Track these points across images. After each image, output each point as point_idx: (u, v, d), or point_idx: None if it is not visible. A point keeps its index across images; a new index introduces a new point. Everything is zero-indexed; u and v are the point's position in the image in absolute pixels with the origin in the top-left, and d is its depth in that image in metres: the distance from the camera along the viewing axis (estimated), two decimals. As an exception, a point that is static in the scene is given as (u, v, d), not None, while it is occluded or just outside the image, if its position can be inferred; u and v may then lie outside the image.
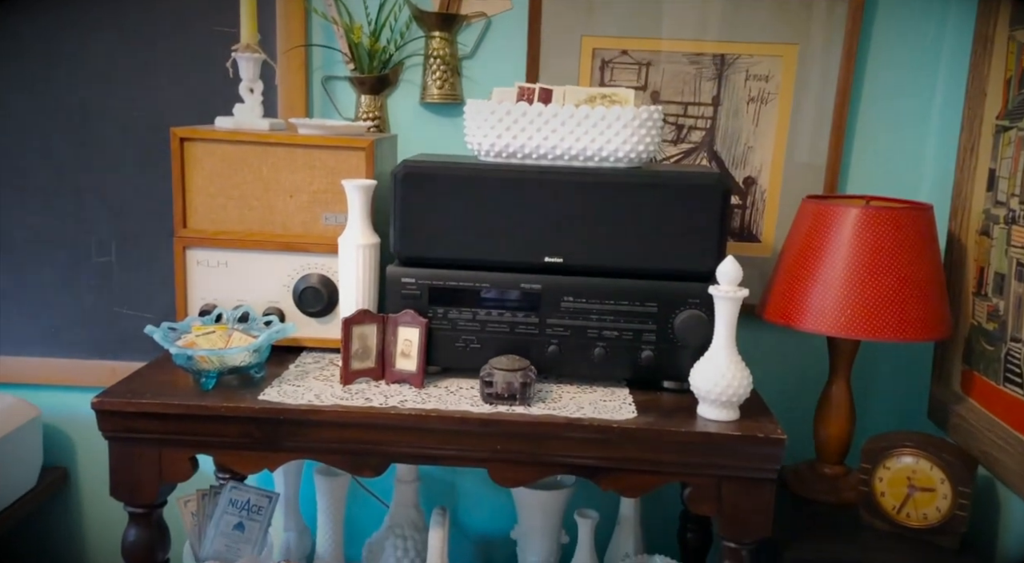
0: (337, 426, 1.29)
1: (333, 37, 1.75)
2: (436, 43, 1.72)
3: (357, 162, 1.48)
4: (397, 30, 1.74)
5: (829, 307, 1.41)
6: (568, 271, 1.39)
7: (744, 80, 1.72)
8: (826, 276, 1.42)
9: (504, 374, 1.32)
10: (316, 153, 1.48)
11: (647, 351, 1.39)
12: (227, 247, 1.50)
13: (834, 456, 1.54)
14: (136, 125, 1.80)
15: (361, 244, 1.41)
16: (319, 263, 1.51)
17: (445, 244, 1.40)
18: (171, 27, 1.76)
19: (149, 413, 1.29)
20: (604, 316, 1.39)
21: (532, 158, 1.39)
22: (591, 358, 1.40)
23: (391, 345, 1.40)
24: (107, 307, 1.88)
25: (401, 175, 1.38)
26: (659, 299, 1.38)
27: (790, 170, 1.75)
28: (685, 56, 1.72)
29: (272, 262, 1.51)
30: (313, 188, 1.49)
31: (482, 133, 1.39)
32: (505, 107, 1.37)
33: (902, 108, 1.72)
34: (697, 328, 1.36)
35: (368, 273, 1.42)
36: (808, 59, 1.69)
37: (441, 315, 1.41)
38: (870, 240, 1.39)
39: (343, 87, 1.79)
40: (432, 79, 1.74)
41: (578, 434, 1.28)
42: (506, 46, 1.75)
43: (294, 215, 1.50)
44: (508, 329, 1.40)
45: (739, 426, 1.28)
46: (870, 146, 1.74)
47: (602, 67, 1.73)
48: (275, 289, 1.52)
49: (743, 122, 1.74)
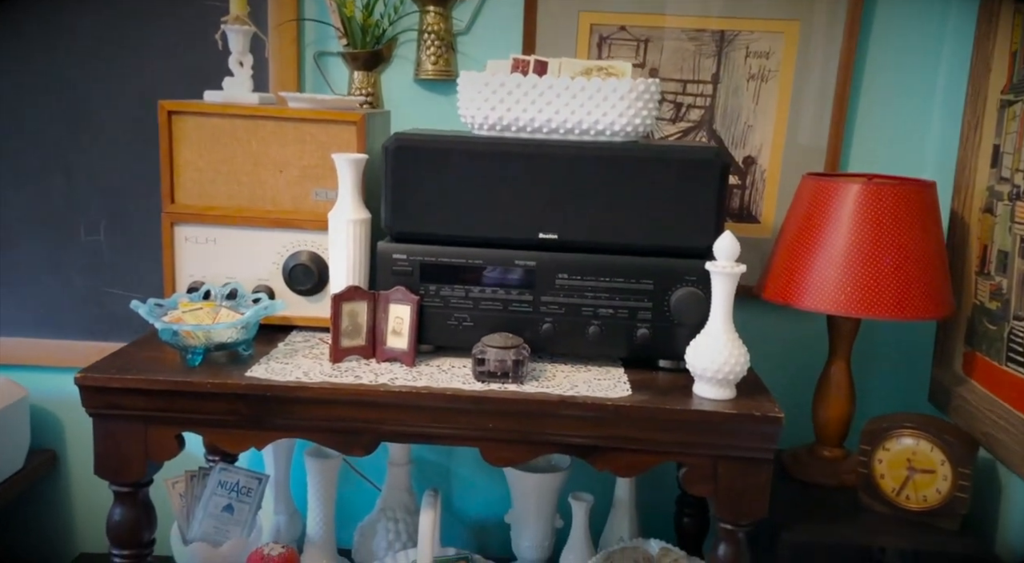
0: (325, 403, 1.26)
1: (326, 11, 1.72)
2: (431, 18, 1.69)
3: (348, 136, 1.45)
4: (391, 4, 1.71)
5: (829, 285, 1.38)
6: (563, 247, 1.36)
7: (744, 57, 1.69)
8: (826, 254, 1.39)
9: (497, 351, 1.30)
10: (306, 127, 1.45)
11: (643, 329, 1.36)
12: (216, 223, 1.48)
13: (833, 438, 1.52)
14: (126, 101, 1.77)
15: (351, 219, 1.38)
16: (309, 240, 1.48)
17: (437, 220, 1.37)
18: (161, 1, 1.73)
19: (134, 389, 1.26)
20: (599, 293, 1.36)
21: (527, 131, 1.36)
22: (586, 336, 1.37)
23: (382, 323, 1.37)
24: (97, 287, 1.85)
25: (392, 148, 1.35)
26: (655, 276, 1.35)
27: (791, 149, 1.72)
28: (684, 32, 1.68)
29: (261, 239, 1.48)
30: (303, 163, 1.46)
31: (475, 106, 1.36)
32: (499, 79, 1.34)
33: (905, 85, 1.69)
34: (694, 305, 1.33)
35: (359, 249, 1.39)
36: (810, 35, 1.66)
37: (433, 292, 1.38)
38: (871, 217, 1.36)
39: (336, 63, 1.76)
40: (426, 55, 1.71)
41: (572, 412, 1.25)
42: (502, 22, 1.72)
43: (284, 191, 1.47)
44: (502, 307, 1.38)
45: (736, 405, 1.26)
46: (872, 124, 1.71)
47: (600, 43, 1.70)
48: (265, 267, 1.49)
49: (743, 100, 1.71)
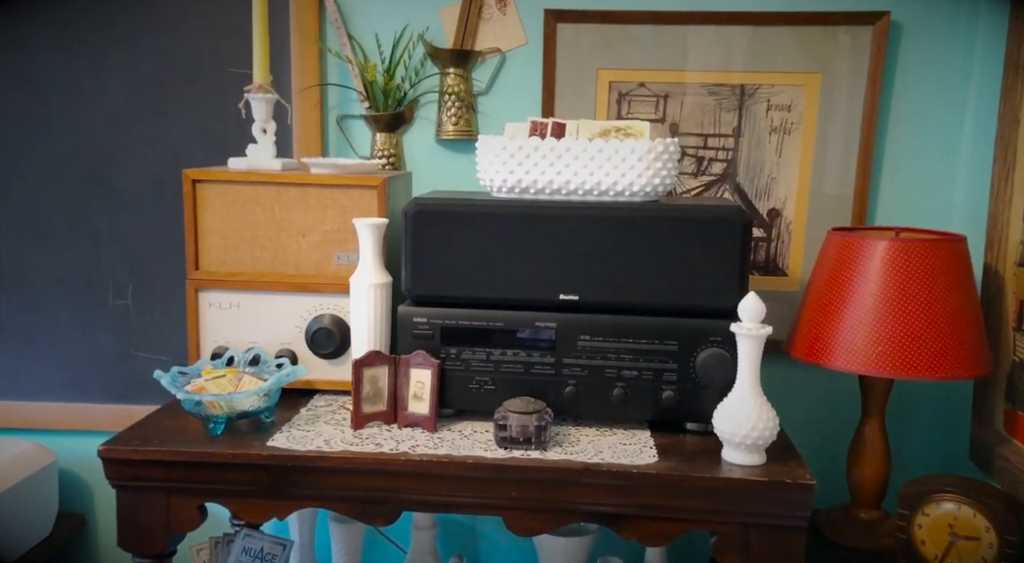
0: (346, 473, 1.25)
1: (348, 76, 1.75)
2: (451, 80, 1.71)
3: (369, 200, 1.45)
4: (412, 67, 1.73)
5: (859, 344, 1.34)
6: (584, 309, 1.35)
7: (766, 110, 1.68)
8: (855, 312, 1.36)
9: (519, 417, 1.28)
10: (328, 192, 1.46)
11: (668, 391, 1.33)
12: (239, 289, 1.48)
13: (870, 500, 1.47)
14: (152, 166, 1.80)
15: (372, 283, 1.38)
16: (332, 303, 1.48)
17: (457, 283, 1.36)
18: (186, 68, 1.77)
19: (155, 461, 1.26)
20: (623, 355, 1.34)
21: (546, 193, 1.36)
22: (610, 399, 1.35)
23: (403, 387, 1.36)
24: (124, 350, 1.87)
25: (412, 213, 1.35)
26: (679, 337, 1.32)
27: (816, 201, 1.69)
28: (704, 87, 1.68)
29: (284, 303, 1.48)
30: (325, 227, 1.47)
31: (494, 169, 1.36)
32: (517, 142, 1.34)
33: (931, 136, 1.67)
34: (720, 367, 1.31)
35: (380, 313, 1.39)
36: (832, 88, 1.65)
37: (454, 356, 1.37)
38: (901, 273, 1.33)
39: (358, 125, 1.77)
40: (447, 116, 1.72)
41: (596, 480, 1.22)
42: (521, 81, 1.73)
43: (307, 255, 1.48)
44: (523, 370, 1.36)
45: (766, 471, 1.22)
46: (898, 176, 1.69)
47: (619, 100, 1.70)
48: (288, 330, 1.49)
49: (766, 153, 1.69)
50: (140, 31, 1.76)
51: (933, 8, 1.62)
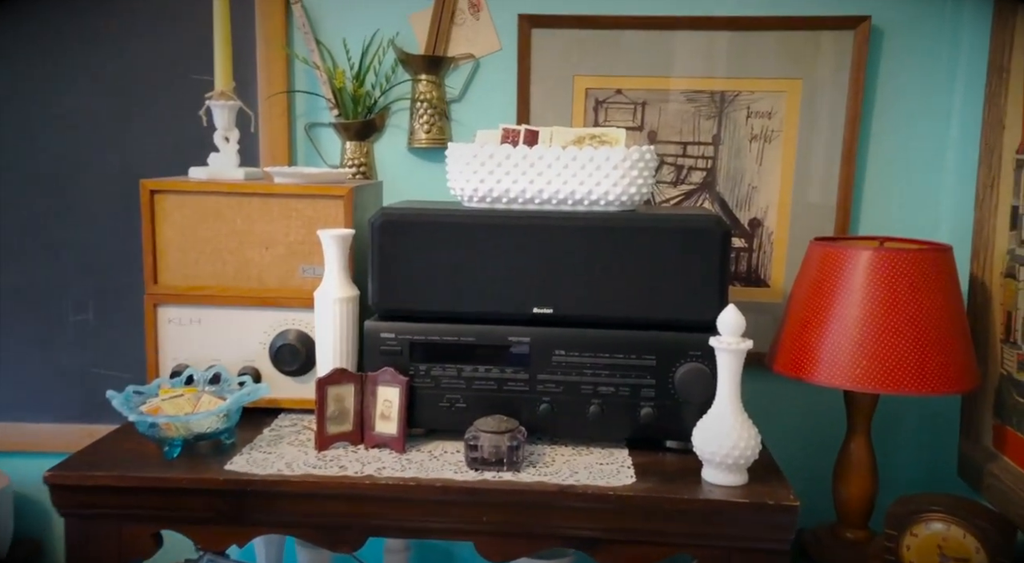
0: (308, 498, 1.19)
1: (316, 83, 1.69)
2: (423, 86, 1.65)
3: (336, 211, 1.40)
4: (382, 74, 1.68)
5: (843, 359, 1.30)
6: (559, 322, 1.29)
7: (745, 117, 1.63)
8: (839, 325, 1.31)
9: (490, 437, 1.22)
10: (292, 202, 1.40)
11: (646, 408, 1.28)
12: (200, 303, 1.42)
13: (856, 519, 1.42)
14: (112, 177, 1.73)
15: (338, 298, 1.32)
16: (297, 318, 1.42)
17: (427, 296, 1.30)
18: (147, 76, 1.70)
19: (106, 487, 1.19)
20: (599, 371, 1.28)
21: (518, 203, 1.30)
22: (586, 416, 1.29)
23: (370, 406, 1.30)
24: (84, 368, 1.79)
25: (378, 223, 1.30)
26: (657, 351, 1.27)
27: (798, 211, 1.65)
28: (683, 94, 1.63)
29: (247, 319, 1.42)
30: (290, 239, 1.41)
31: (464, 178, 1.31)
32: (488, 150, 1.29)
33: (916, 143, 1.63)
34: (699, 383, 1.25)
35: (346, 329, 1.33)
36: (813, 94, 1.61)
37: (424, 373, 1.31)
38: (885, 284, 1.28)
39: (328, 134, 1.72)
40: (419, 123, 1.66)
41: (572, 503, 1.16)
42: (495, 88, 1.68)
43: (270, 268, 1.42)
44: (496, 386, 1.30)
45: (748, 492, 1.17)
46: (882, 184, 1.65)
47: (596, 107, 1.65)
48: (251, 347, 1.43)
49: (746, 161, 1.65)
50: (100, 38, 1.70)
51: (915, 12, 1.59)
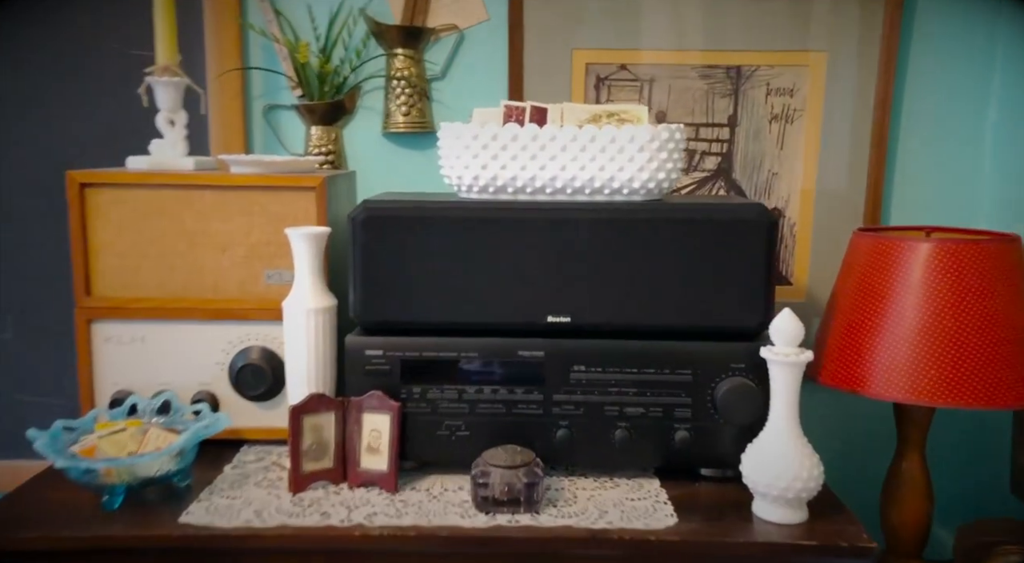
0: (285, 555, 0.97)
1: (275, 59, 1.46)
2: (399, 62, 1.44)
3: (306, 205, 1.18)
4: (352, 48, 1.46)
5: (901, 368, 1.12)
6: (578, 333, 1.10)
7: (765, 95, 1.46)
8: (896, 329, 1.14)
9: (502, 472, 1.02)
10: (254, 196, 1.18)
11: (682, 431, 1.09)
12: (144, 318, 1.19)
13: (910, 548, 1.25)
14: (36, 170, 1.49)
15: (312, 308, 1.10)
16: (261, 333, 1.20)
17: (420, 305, 1.10)
18: (78, 51, 1.46)
19: (29, 551, 0.96)
20: (625, 389, 1.09)
21: (526, 192, 1.10)
22: (611, 443, 1.10)
23: (354, 438, 1.09)
24: (5, 394, 1.54)
25: (361, 219, 1.08)
26: (694, 365, 1.09)
27: (823, 199, 1.48)
28: (694, 70, 1.45)
29: (202, 335, 1.20)
30: (252, 240, 1.19)
31: (463, 164, 1.10)
32: (491, 131, 1.08)
33: (950, 122, 1.47)
34: (745, 401, 1.07)
35: (322, 345, 1.12)
36: (839, 68, 1.44)
37: (418, 396, 1.10)
38: (950, 282, 1.12)
39: (289, 117, 1.49)
40: (396, 105, 1.45)
41: (605, 551, 0.97)
42: (483, 64, 1.47)
43: (228, 274, 1.20)
44: (504, 410, 1.10)
45: (811, 531, 0.99)
46: (915, 168, 1.48)
47: (597, 85, 1.46)
48: (207, 368, 1.21)
49: (765, 145, 1.47)
50: (20, 10, 1.45)
51: (952, -24, 1.43)
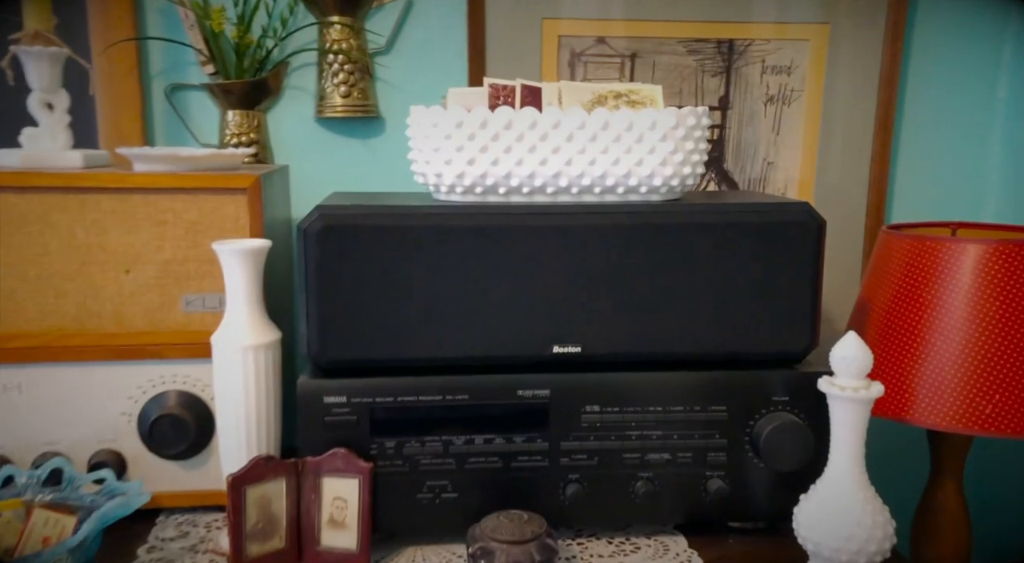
0: None
1: (180, 27, 1.19)
2: (336, 33, 1.19)
3: (235, 211, 0.93)
4: (277, 15, 1.20)
5: (952, 393, 0.97)
6: (589, 365, 0.89)
7: (760, 73, 1.28)
8: (944, 346, 0.98)
9: (509, 550, 0.80)
10: (166, 201, 0.92)
11: (716, 480, 0.90)
12: (21, 361, 0.92)
13: (948, 587, 1.11)
14: None
15: (249, 344, 0.86)
16: (180, 375, 0.95)
17: (393, 337, 0.87)
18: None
19: None
20: (648, 431, 0.90)
21: (522, 193, 0.89)
22: (631, 498, 0.90)
23: (312, 510, 0.86)
24: None
25: (317, 230, 0.84)
26: (730, 399, 0.90)
27: (823, 190, 1.32)
28: (682, 43, 1.26)
29: (100, 379, 0.93)
30: (164, 257, 0.93)
31: (443, 158, 0.87)
32: (479, 116, 0.86)
33: (956, 104, 1.33)
34: (794, 442, 0.89)
35: (264, 390, 0.87)
36: (842, 42, 1.27)
37: (392, 451, 0.88)
38: (1010, 291, 0.97)
39: (199, 99, 1.22)
40: (333, 84, 1.20)
41: (648, 645, 0.78)
42: (437, 36, 1.24)
43: (133, 301, 0.93)
44: (501, 463, 0.89)
45: (888, 599, 0.82)
46: (917, 156, 1.34)
47: (572, 61, 1.25)
48: (108, 422, 0.95)
49: (760, 130, 1.30)
50: None
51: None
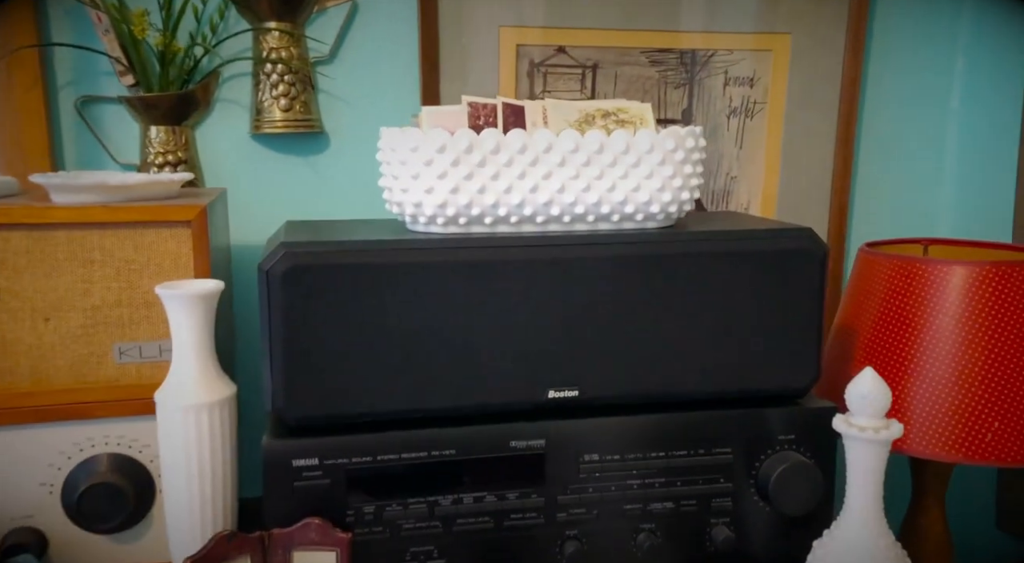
0: None
1: (93, 32, 1.05)
2: (273, 40, 1.08)
3: (176, 247, 0.81)
4: (205, 20, 1.07)
5: (947, 421, 0.94)
6: (588, 410, 0.82)
7: (723, 85, 1.23)
8: (933, 373, 0.95)
9: (515, 623, 0.72)
10: (93, 237, 0.80)
11: (722, 528, 0.84)
12: (-82, 429, 0.78)
13: (935, 614, 1.09)
14: None
15: (203, 403, 0.74)
16: (111, 435, 0.82)
17: (368, 388, 0.77)
18: None
19: None
20: (650, 479, 0.83)
21: (510, 223, 0.80)
22: (631, 552, 0.83)
23: (285, 591, 0.75)
24: None
25: (282, 271, 0.73)
26: (735, 440, 0.84)
27: (786, 206, 1.29)
28: (644, 54, 1.20)
29: (15, 446, 0.80)
30: (92, 302, 0.80)
31: (423, 187, 0.78)
32: (463, 139, 0.77)
33: (911, 113, 1.32)
34: (805, 484, 0.84)
35: (221, 456, 0.76)
36: (804, 52, 1.24)
37: (371, 517, 0.78)
38: (1000, 315, 0.94)
39: (116, 114, 1.08)
40: (272, 96, 1.08)
41: None
42: (385, 43, 1.14)
43: (56, 353, 0.80)
44: (492, 524, 0.80)
45: (914, 649, 0.77)
46: (874, 169, 1.32)
47: (531, 72, 1.17)
48: (25, 495, 0.81)
49: (724, 144, 1.25)
50: None
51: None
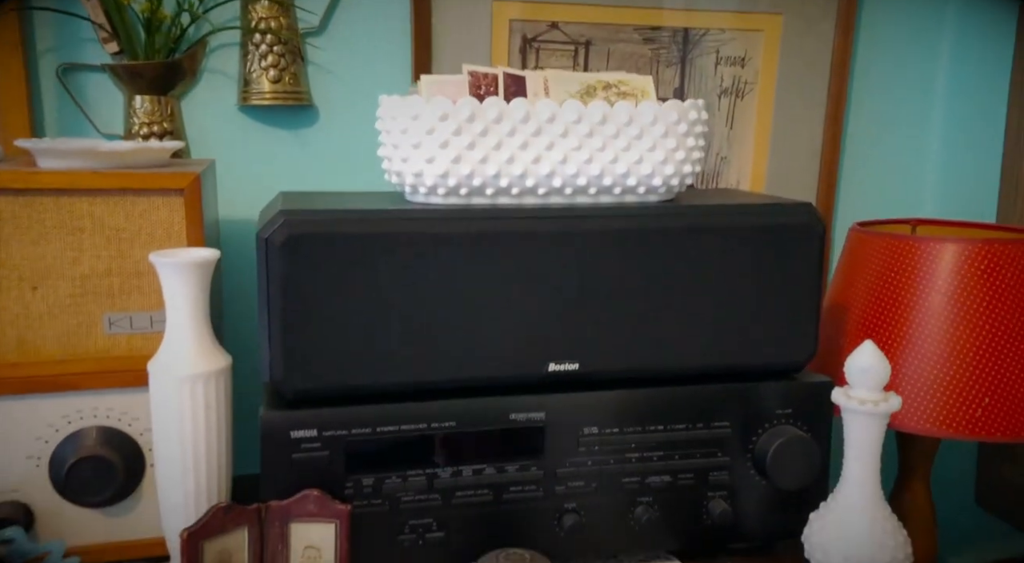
0: None
1: (75, -4, 1.02)
2: (262, 9, 1.05)
3: (168, 216, 0.79)
4: (192, -14, 1.05)
5: (938, 397, 0.95)
6: (587, 384, 0.81)
7: (714, 64, 1.23)
8: (925, 349, 0.96)
9: (516, 595, 0.72)
10: (83, 204, 0.77)
11: (719, 501, 0.84)
12: (-101, 400, 0.75)
13: (918, 589, 1.10)
14: None
15: (197, 373, 0.73)
16: (100, 407, 0.80)
17: (369, 360, 0.75)
18: None
19: None
20: (648, 452, 0.83)
21: (511, 194, 0.79)
22: (629, 524, 0.83)
23: (279, 561, 0.74)
24: None
25: (281, 240, 0.72)
26: (733, 414, 0.84)
27: (774, 186, 1.29)
28: (638, 31, 1.19)
29: (2, 417, 0.78)
30: (81, 271, 0.78)
31: (424, 156, 0.76)
32: (466, 108, 0.75)
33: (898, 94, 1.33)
34: (802, 458, 0.84)
35: (216, 427, 0.74)
36: (796, 33, 1.24)
37: (370, 490, 0.77)
38: (994, 292, 0.95)
39: (100, 82, 1.05)
40: (260, 67, 1.06)
41: None
42: (377, 15, 1.12)
43: (44, 323, 0.78)
44: (492, 496, 0.79)
45: (908, 620, 0.78)
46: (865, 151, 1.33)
47: (524, 48, 1.16)
48: (13, 467, 0.79)
49: (715, 124, 1.25)
50: None
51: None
